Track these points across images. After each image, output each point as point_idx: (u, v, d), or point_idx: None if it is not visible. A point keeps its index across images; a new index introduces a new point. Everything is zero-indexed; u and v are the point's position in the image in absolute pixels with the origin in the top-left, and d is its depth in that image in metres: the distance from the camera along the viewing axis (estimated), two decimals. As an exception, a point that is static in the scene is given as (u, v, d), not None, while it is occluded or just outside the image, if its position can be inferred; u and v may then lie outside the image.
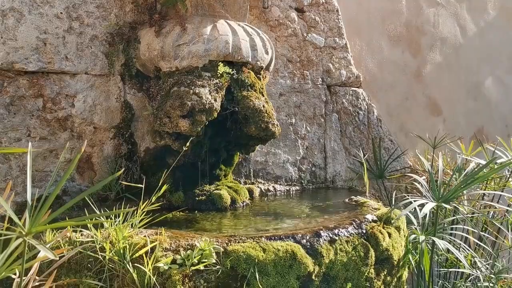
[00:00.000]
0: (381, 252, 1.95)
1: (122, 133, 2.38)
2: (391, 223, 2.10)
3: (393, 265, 2.01)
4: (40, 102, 2.18)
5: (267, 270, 1.66)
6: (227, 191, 2.41)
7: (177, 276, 1.59)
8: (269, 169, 2.92)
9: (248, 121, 2.29)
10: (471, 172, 2.14)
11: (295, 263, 1.69)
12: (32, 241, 0.98)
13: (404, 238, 2.14)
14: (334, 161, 3.18)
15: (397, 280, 2.05)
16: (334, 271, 1.80)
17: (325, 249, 1.79)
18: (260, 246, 1.70)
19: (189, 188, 2.42)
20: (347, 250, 1.85)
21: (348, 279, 1.84)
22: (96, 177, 2.33)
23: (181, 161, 2.37)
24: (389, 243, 1.99)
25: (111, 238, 1.68)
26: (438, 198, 2.04)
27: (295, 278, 1.70)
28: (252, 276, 1.64)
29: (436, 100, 3.90)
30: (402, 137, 3.62)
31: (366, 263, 1.88)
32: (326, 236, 1.83)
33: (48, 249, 0.92)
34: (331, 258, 1.79)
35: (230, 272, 1.63)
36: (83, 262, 1.71)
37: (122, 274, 1.64)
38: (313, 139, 3.10)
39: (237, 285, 1.63)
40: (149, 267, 1.58)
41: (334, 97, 3.21)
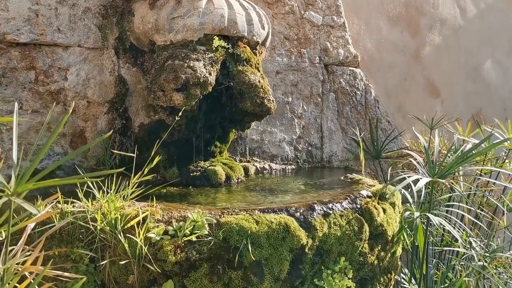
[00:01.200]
0: (375, 227, 1.94)
1: (116, 108, 2.35)
2: (386, 199, 2.08)
3: (387, 240, 2.00)
4: (32, 75, 2.15)
5: (260, 242, 1.65)
6: (222, 168, 2.39)
7: (169, 246, 1.58)
8: (265, 148, 2.90)
9: (244, 96, 2.26)
10: (467, 150, 2.12)
11: (288, 236, 1.68)
12: (18, 200, 0.96)
13: (399, 214, 2.13)
14: (331, 141, 3.16)
15: (391, 255, 2.05)
16: (328, 244, 1.79)
17: (319, 222, 1.78)
18: (253, 218, 1.69)
19: (184, 164, 2.40)
20: (341, 224, 1.83)
21: (342, 253, 1.83)
22: (90, 152, 2.30)
23: (176, 136, 2.35)
24: (383, 218, 1.98)
25: (103, 209, 1.67)
26: (433, 174, 2.02)
27: (288, 251, 1.69)
28: (244, 248, 1.62)
29: (434, 82, 3.87)
30: (399, 119, 3.60)
31: (360, 238, 1.87)
32: (320, 209, 1.82)
33: (32, 205, 0.90)
34: (325, 231, 1.78)
35: (222, 244, 1.62)
36: (75, 233, 1.70)
37: (113, 245, 1.63)
38: (309, 119, 3.07)
39: (229, 256, 1.62)
40: (140, 237, 1.57)
41: (331, 77, 3.18)
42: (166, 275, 1.58)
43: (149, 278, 1.60)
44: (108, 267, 1.64)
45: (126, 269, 1.62)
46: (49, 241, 1.71)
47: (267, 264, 1.66)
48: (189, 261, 1.58)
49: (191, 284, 1.57)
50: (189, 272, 1.58)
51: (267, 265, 1.66)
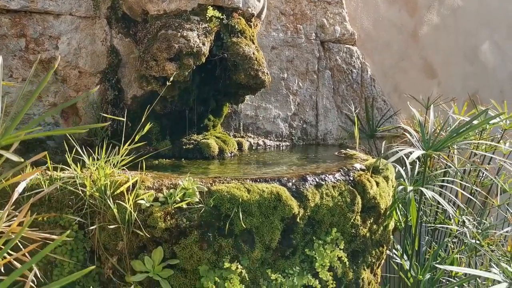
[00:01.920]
0: (368, 200, 1.93)
1: (109, 79, 2.32)
2: (379, 173, 2.07)
3: (380, 214, 1.99)
4: (22, 42, 2.11)
5: (251, 211, 1.63)
6: (215, 141, 2.37)
7: (158, 213, 1.57)
8: (259, 124, 2.87)
9: (238, 68, 2.23)
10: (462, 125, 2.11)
11: (280, 205, 1.67)
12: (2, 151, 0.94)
13: (392, 188, 2.12)
14: (326, 119, 3.14)
15: (383, 229, 2.04)
16: (320, 215, 1.78)
17: (311, 193, 1.76)
18: (245, 187, 1.67)
19: (177, 137, 2.38)
20: (333, 195, 1.82)
21: (334, 224, 1.82)
22: (81, 122, 2.28)
23: (168, 108, 2.33)
24: (376, 191, 1.96)
25: (92, 177, 1.65)
26: (427, 148, 2.01)
27: (279, 220, 1.68)
28: (235, 216, 1.61)
29: (431, 63, 3.84)
30: (395, 98, 3.57)
31: (352, 210, 1.86)
32: (313, 180, 1.81)
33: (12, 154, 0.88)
34: (317, 202, 1.77)
35: (213, 211, 1.60)
36: (64, 200, 1.68)
37: (103, 211, 1.61)
38: (305, 96, 3.05)
39: (220, 224, 1.60)
40: (130, 203, 1.55)
41: (327, 54, 3.15)
42: (156, 242, 1.57)
43: (138, 244, 1.59)
44: (97, 233, 1.62)
45: (116, 236, 1.60)
46: (38, 208, 1.69)
47: (258, 233, 1.65)
48: (179, 228, 1.57)
49: (181, 251, 1.56)
50: (179, 239, 1.56)
51: (258, 234, 1.65)
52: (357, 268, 1.92)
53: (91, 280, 1.67)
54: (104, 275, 1.65)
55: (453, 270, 2.67)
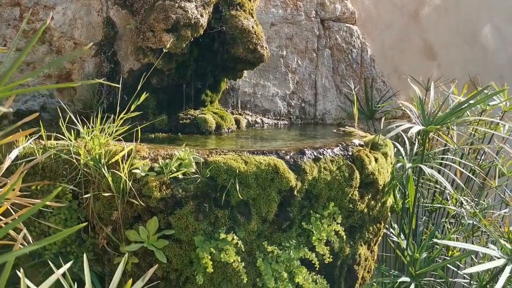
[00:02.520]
0: (366, 175, 1.91)
1: (104, 51, 2.28)
2: (378, 149, 2.05)
3: (378, 190, 1.97)
4: (17, 11, 2.07)
5: (248, 182, 1.61)
6: (212, 116, 2.34)
7: (154, 183, 1.54)
8: (257, 102, 2.84)
9: (236, 41, 2.19)
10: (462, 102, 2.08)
11: (277, 177, 1.65)
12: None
13: (391, 165, 2.10)
14: (325, 99, 3.11)
15: (381, 205, 2.02)
16: (317, 189, 1.76)
17: (309, 166, 1.74)
18: (242, 158, 1.65)
19: (173, 112, 2.34)
20: (332, 169, 1.80)
21: (331, 199, 1.80)
22: (76, 95, 2.24)
23: (165, 82, 2.29)
24: (375, 167, 1.94)
25: (87, 147, 1.62)
26: (426, 124, 1.99)
27: (276, 192, 1.65)
28: (232, 187, 1.59)
29: (432, 44, 3.79)
30: (395, 80, 3.54)
31: (350, 185, 1.84)
32: (311, 154, 1.78)
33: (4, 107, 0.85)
34: (315, 175, 1.75)
35: (209, 182, 1.58)
36: (58, 170, 1.65)
37: (97, 180, 1.58)
38: (304, 74, 3.01)
39: (216, 195, 1.58)
40: (125, 171, 1.53)
41: (327, 32, 3.10)
42: (151, 212, 1.55)
43: (133, 214, 1.56)
44: (91, 203, 1.60)
45: (110, 205, 1.58)
46: (32, 178, 1.66)
47: (255, 205, 1.63)
48: (175, 198, 1.54)
49: (176, 221, 1.54)
50: (174, 209, 1.54)
51: (255, 206, 1.63)
52: (354, 243, 1.90)
53: (85, 250, 1.65)
54: (99, 245, 1.63)
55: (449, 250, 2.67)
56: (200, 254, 1.51)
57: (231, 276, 1.61)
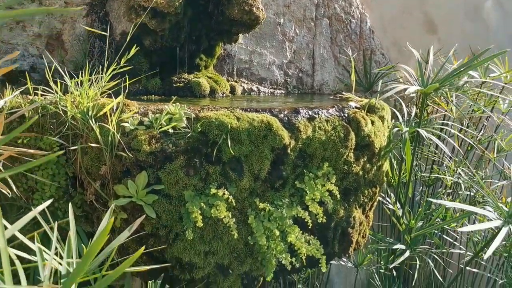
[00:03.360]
0: (362, 137, 1.87)
1: (96, 11, 2.22)
2: (375, 112, 2.01)
3: (374, 153, 1.93)
4: (5, -33, 2.01)
5: (240, 138, 1.57)
6: (206, 80, 2.30)
7: (143, 136, 1.50)
8: (254, 70, 2.79)
9: (231, 2, 2.13)
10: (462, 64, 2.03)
11: (270, 134, 1.60)
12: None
13: (388, 129, 2.06)
14: (322, 69, 3.06)
15: (377, 169, 1.99)
16: (311, 148, 1.72)
17: (303, 125, 1.70)
18: (234, 115, 1.60)
19: (167, 75, 2.30)
20: (326, 129, 1.76)
21: (326, 159, 1.76)
22: (67, 56, 2.19)
23: (159, 44, 2.23)
24: (371, 129, 1.90)
25: (75, 102, 1.57)
26: (425, 85, 1.94)
27: (269, 150, 1.61)
28: (224, 143, 1.55)
29: (432, 18, 3.73)
30: (394, 53, 3.48)
31: (346, 146, 1.80)
32: (305, 113, 1.74)
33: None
34: (309, 134, 1.70)
35: (200, 137, 1.54)
36: (45, 125, 1.61)
37: (85, 134, 1.54)
38: (301, 43, 2.95)
39: (207, 151, 1.54)
40: (113, 124, 1.48)
41: (326, 1, 3.04)
42: (140, 166, 1.51)
43: (122, 169, 1.53)
44: (79, 157, 1.56)
45: (98, 160, 1.54)
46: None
47: (247, 162, 1.59)
48: (165, 153, 1.50)
49: (166, 176, 1.50)
50: (164, 164, 1.50)
51: (247, 163, 1.59)
52: (349, 206, 1.87)
53: (74, 206, 1.62)
54: (87, 201, 1.60)
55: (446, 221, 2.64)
56: (190, 209, 1.47)
57: (222, 233, 1.58)
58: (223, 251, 1.60)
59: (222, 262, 1.63)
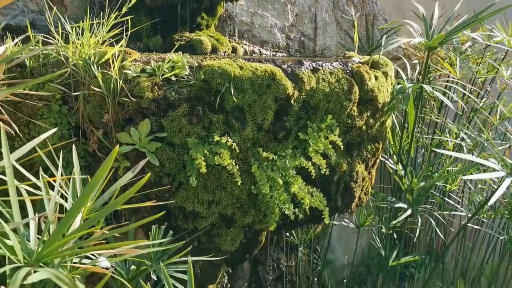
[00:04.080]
0: (365, 92, 1.85)
1: (96, -33, 2.18)
2: (378, 68, 1.99)
3: (377, 108, 1.92)
4: None
5: (243, 87, 1.55)
6: (208, 39, 2.27)
7: (146, 83, 1.49)
8: (255, 32, 2.76)
9: (233, -43, 2.10)
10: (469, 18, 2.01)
11: (274, 84, 1.59)
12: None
13: (391, 86, 2.04)
14: (325, 34, 3.02)
15: (380, 125, 1.98)
16: (315, 100, 1.70)
17: (307, 76, 1.68)
18: (237, 64, 1.59)
19: (168, 33, 2.26)
20: (330, 81, 1.74)
21: (329, 111, 1.75)
22: (67, 12, 2.16)
23: (159, 1, 2.20)
24: (374, 84, 1.89)
25: (77, 51, 1.55)
26: (430, 38, 1.92)
27: (272, 99, 1.60)
28: (227, 91, 1.54)
29: (436, -17, 3.68)
30: (397, 18, 3.43)
31: (349, 99, 1.78)
32: (309, 65, 1.72)
33: None
34: (313, 86, 1.69)
35: (203, 85, 1.52)
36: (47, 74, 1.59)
37: (87, 82, 1.53)
38: (303, 6, 2.92)
39: (210, 99, 1.53)
40: (115, 70, 1.47)
41: (328, -37, 2.99)
42: (143, 114, 1.50)
43: (124, 117, 1.51)
44: (81, 106, 1.55)
45: (101, 107, 1.53)
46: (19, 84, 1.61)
47: (250, 111, 1.58)
48: (167, 101, 1.49)
49: (169, 124, 1.49)
50: (167, 111, 1.49)
51: (250, 112, 1.58)
52: (352, 160, 1.87)
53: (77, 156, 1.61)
54: (89, 151, 1.59)
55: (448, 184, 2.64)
56: (194, 155, 1.47)
57: (225, 183, 1.58)
58: (227, 200, 1.60)
59: (226, 212, 1.63)
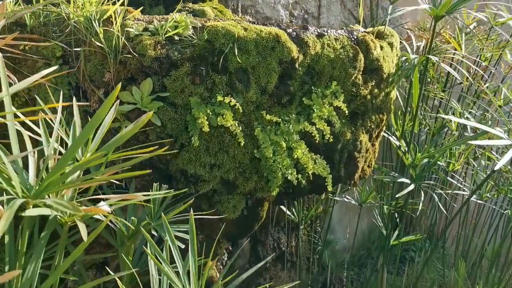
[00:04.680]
0: (371, 61, 1.83)
1: None
2: (384, 38, 1.96)
3: (382, 78, 1.89)
4: None
5: (247, 48, 1.53)
6: (211, 9, 2.24)
7: (148, 41, 1.46)
8: (259, 8, 2.72)
9: None
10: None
11: (278, 46, 1.56)
12: None
13: (396, 57, 2.02)
14: (329, 12, 2.99)
15: (385, 95, 1.95)
16: (320, 65, 1.68)
17: (312, 40, 1.65)
18: (242, 25, 1.56)
19: (171, 4, 2.23)
20: (335, 47, 1.72)
21: (334, 78, 1.73)
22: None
23: (162, -31, 2.17)
24: (380, 53, 1.86)
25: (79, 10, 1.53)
26: (437, 6, 1.89)
27: (277, 62, 1.57)
28: (230, 52, 1.51)
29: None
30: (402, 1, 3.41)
31: (354, 66, 1.76)
32: (314, 30, 1.70)
33: None
34: (318, 51, 1.66)
35: (206, 46, 1.50)
36: (47, 34, 1.56)
37: (89, 40, 1.50)
38: (308, -16, 2.89)
39: (214, 59, 1.50)
40: (117, 26, 1.44)
41: None
42: (145, 73, 1.47)
43: (126, 76, 1.49)
44: (82, 65, 1.52)
45: (102, 66, 1.50)
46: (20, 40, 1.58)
47: (254, 73, 1.55)
48: (170, 60, 1.46)
49: (171, 83, 1.47)
50: (169, 71, 1.46)
51: (254, 74, 1.55)
52: (356, 130, 1.84)
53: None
54: (90, 110, 1.57)
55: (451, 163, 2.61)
56: (196, 114, 1.44)
57: (227, 146, 1.56)
58: (229, 164, 1.58)
59: (228, 176, 1.61)
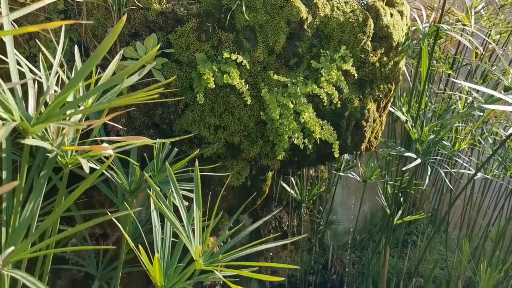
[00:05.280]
0: (380, 27, 1.78)
1: None
2: (394, 6, 1.92)
3: (392, 46, 1.85)
4: None
5: (255, 6, 1.48)
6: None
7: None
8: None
9: None
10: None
11: (287, 5, 1.51)
12: None
13: (406, 26, 1.97)
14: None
15: (394, 64, 1.91)
16: (329, 28, 1.63)
17: (321, 2, 1.61)
18: (250, -17, 1.51)
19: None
20: (345, 10, 1.67)
21: (343, 42, 1.68)
22: None
23: None
24: (390, 21, 1.81)
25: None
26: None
27: (285, 22, 1.53)
28: (238, 9, 1.46)
29: None
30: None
31: (364, 31, 1.71)
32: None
33: None
34: (327, 13, 1.62)
35: (213, 2, 1.45)
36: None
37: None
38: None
39: (220, 16, 1.46)
40: (121, -22, 1.39)
41: None
42: (150, 28, 1.43)
43: (130, 31, 1.44)
44: (84, 19, 1.48)
45: (105, 20, 1.45)
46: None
47: (262, 32, 1.51)
48: (176, 15, 1.42)
49: (176, 39, 1.42)
50: (175, 26, 1.42)
51: (262, 33, 1.51)
52: (364, 98, 1.80)
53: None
54: (92, 68, 1.52)
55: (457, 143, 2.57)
56: (202, 70, 1.40)
57: (233, 107, 1.51)
58: (234, 127, 1.54)
59: (232, 140, 1.56)
